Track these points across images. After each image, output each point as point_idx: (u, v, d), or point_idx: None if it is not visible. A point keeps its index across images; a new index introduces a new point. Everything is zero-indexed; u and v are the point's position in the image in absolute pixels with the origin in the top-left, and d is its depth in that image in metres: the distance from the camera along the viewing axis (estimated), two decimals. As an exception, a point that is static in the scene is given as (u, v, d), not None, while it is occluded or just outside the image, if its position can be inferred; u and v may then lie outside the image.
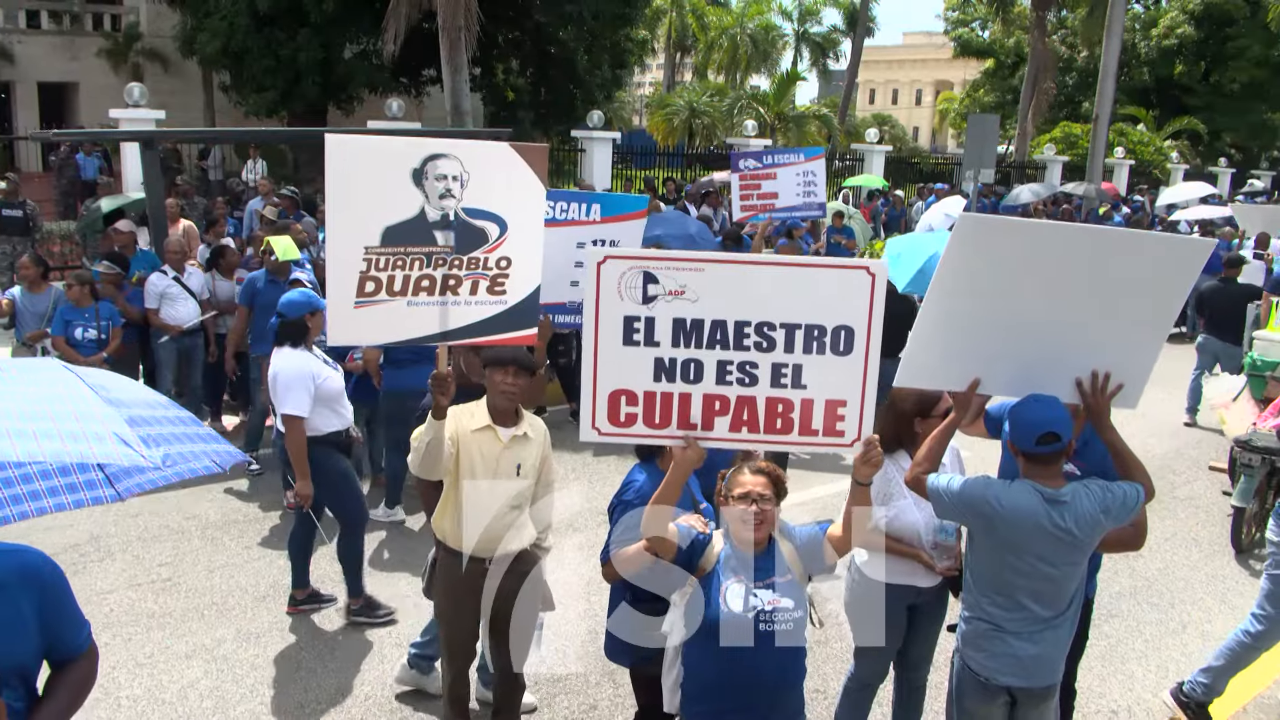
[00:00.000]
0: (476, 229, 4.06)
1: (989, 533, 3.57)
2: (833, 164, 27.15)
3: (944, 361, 3.67)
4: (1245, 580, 7.19)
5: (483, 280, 4.13)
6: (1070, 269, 3.49)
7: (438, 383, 4.03)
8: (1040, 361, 3.64)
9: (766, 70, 50.17)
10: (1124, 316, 3.61)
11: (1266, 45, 40.07)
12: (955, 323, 3.56)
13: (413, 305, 4.00)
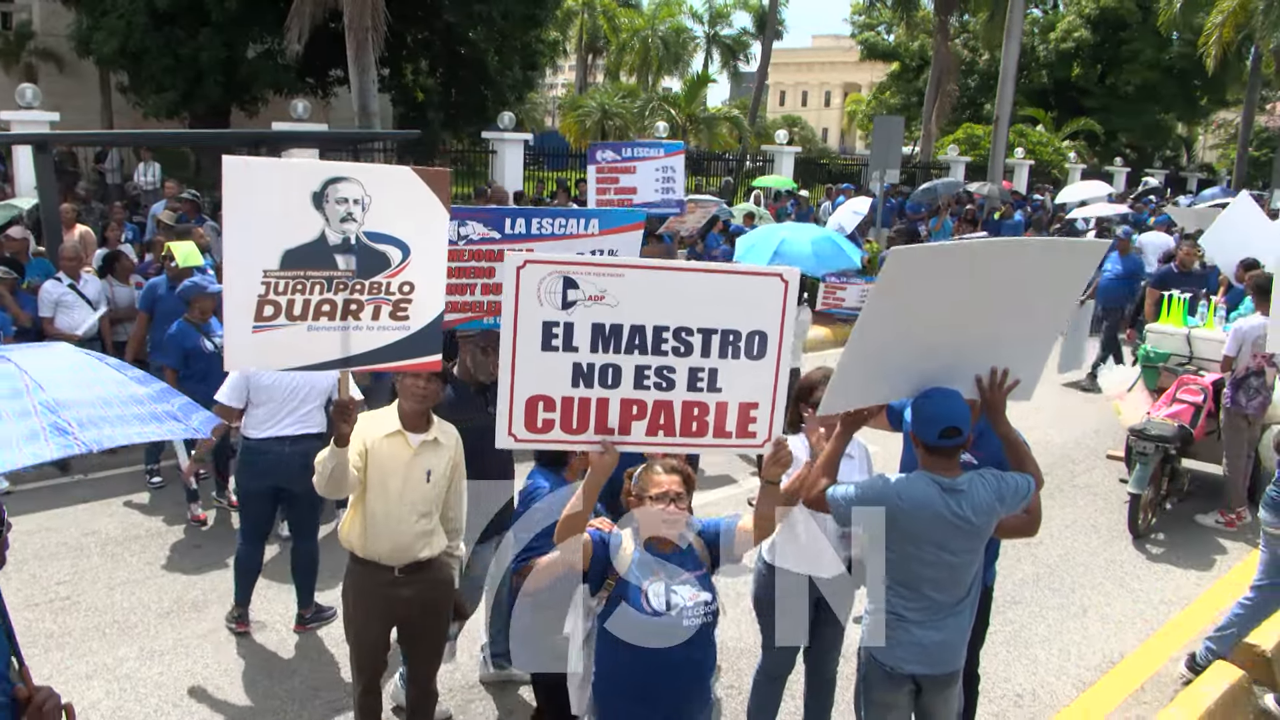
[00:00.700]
0: (378, 253, 4.00)
1: (891, 526, 3.64)
2: (743, 165, 27.47)
3: (864, 383, 3.76)
4: (1143, 564, 7.45)
5: (385, 305, 4.07)
6: (980, 283, 3.60)
7: (340, 410, 3.99)
8: (945, 365, 3.75)
9: (678, 72, 50.40)
10: (1022, 320, 3.75)
11: (1158, 49, 41.59)
12: (878, 349, 3.63)
13: (313, 330, 3.93)
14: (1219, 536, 8.05)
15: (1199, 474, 8.81)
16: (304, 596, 6.03)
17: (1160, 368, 8.84)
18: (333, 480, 4.13)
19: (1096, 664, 5.99)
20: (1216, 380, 8.23)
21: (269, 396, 5.85)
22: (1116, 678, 5.86)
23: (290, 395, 5.90)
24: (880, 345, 3.58)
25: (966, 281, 3.57)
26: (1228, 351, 7.91)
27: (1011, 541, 6.87)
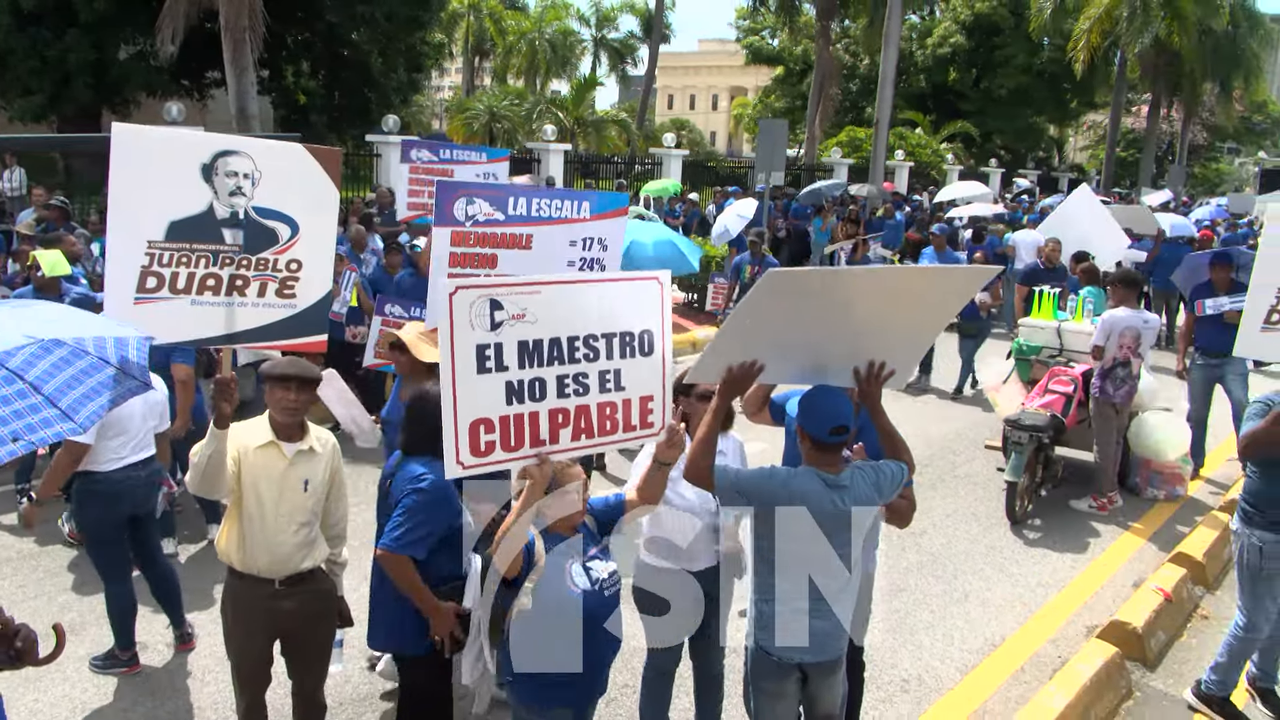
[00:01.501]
0: (267, 229, 3.95)
1: (775, 518, 3.70)
2: (632, 168, 27.57)
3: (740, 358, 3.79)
4: (1020, 550, 7.72)
5: (271, 282, 4.01)
6: (857, 298, 3.67)
7: (221, 389, 3.85)
8: (823, 356, 3.83)
9: (566, 75, 50.43)
10: (901, 322, 3.85)
11: (1030, 54, 43.24)
12: (756, 335, 3.65)
13: (196, 305, 3.86)
14: (1092, 520, 8.38)
15: (1072, 461, 9.14)
16: (177, 616, 5.81)
17: (1032, 360, 9.16)
18: (209, 471, 3.97)
19: (978, 647, 6.16)
20: (1086, 371, 8.58)
21: (123, 428, 5.39)
22: (998, 660, 6.03)
23: (143, 418, 5.52)
24: (757, 333, 3.63)
25: (843, 298, 3.64)
26: (1097, 341, 8.26)
27: (895, 530, 7.08)
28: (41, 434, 2.64)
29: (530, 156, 23.96)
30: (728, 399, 3.77)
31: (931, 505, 8.37)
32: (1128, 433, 8.79)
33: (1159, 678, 5.95)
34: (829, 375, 3.86)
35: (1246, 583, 5.30)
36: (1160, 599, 6.44)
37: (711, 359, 3.67)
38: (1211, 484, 9.49)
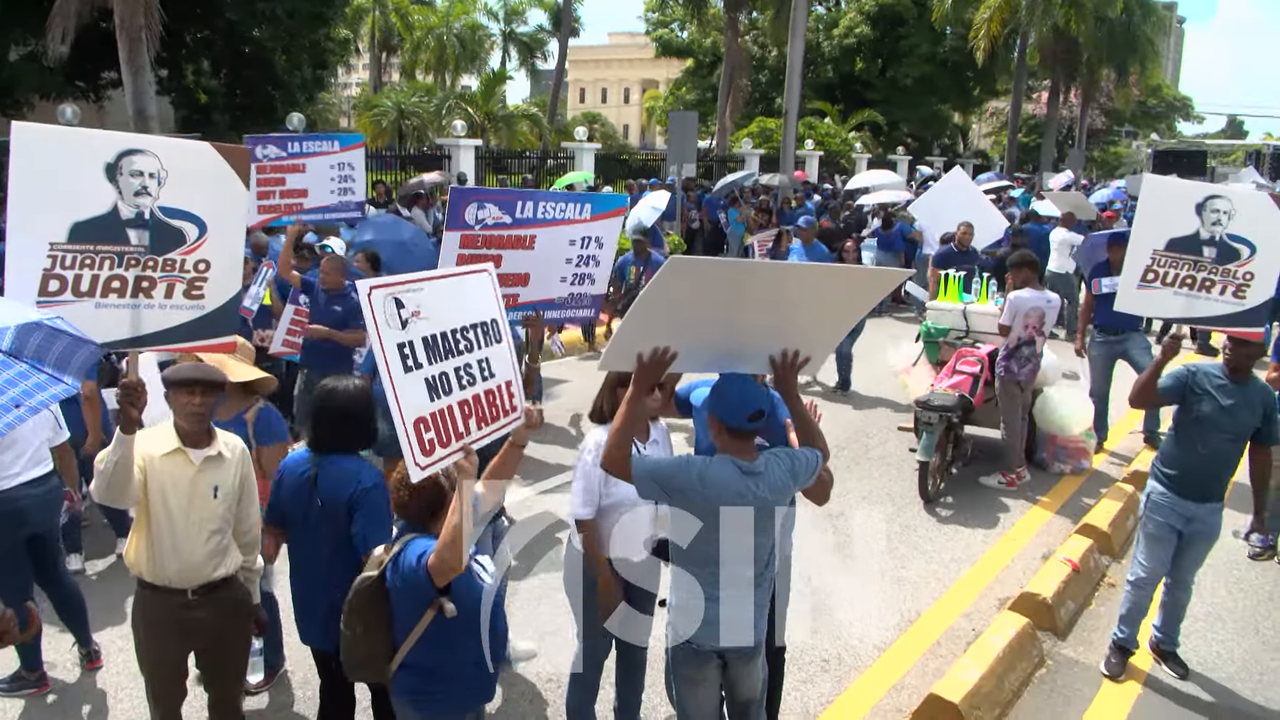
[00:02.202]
0: (173, 229, 3.87)
1: (692, 508, 3.72)
2: (545, 163, 27.45)
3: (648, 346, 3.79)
4: (934, 527, 7.89)
5: (179, 283, 3.94)
6: (769, 295, 3.69)
7: (127, 393, 3.74)
8: (736, 344, 3.83)
9: (475, 70, 49.99)
10: (816, 318, 3.87)
11: (933, 43, 44.10)
12: (662, 323, 3.64)
13: (101, 308, 3.77)
14: (1001, 496, 8.60)
15: (980, 439, 9.38)
16: (83, 635, 5.61)
17: (940, 342, 9.37)
18: (115, 478, 3.84)
19: (895, 624, 6.29)
20: (991, 351, 8.80)
21: (12, 440, 5.13)
22: (914, 636, 6.16)
23: (34, 430, 5.28)
24: (667, 321, 3.62)
25: (750, 289, 3.66)
26: (1003, 321, 8.47)
27: (813, 513, 7.21)
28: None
29: (440, 153, 23.71)
30: (643, 387, 3.76)
31: (847, 487, 8.51)
32: (1033, 410, 9.05)
33: (1069, 646, 6.13)
34: (744, 363, 3.87)
35: (1139, 532, 5.84)
36: (1068, 569, 6.64)
37: (619, 347, 3.68)
38: (1115, 457, 9.81)
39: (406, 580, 3.52)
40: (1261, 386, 5.62)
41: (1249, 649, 6.17)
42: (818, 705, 5.38)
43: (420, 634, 3.59)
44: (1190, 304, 5.94)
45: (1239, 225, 5.87)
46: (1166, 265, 5.96)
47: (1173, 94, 69.92)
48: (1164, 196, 6.18)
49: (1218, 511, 5.64)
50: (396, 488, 3.66)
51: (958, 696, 5.06)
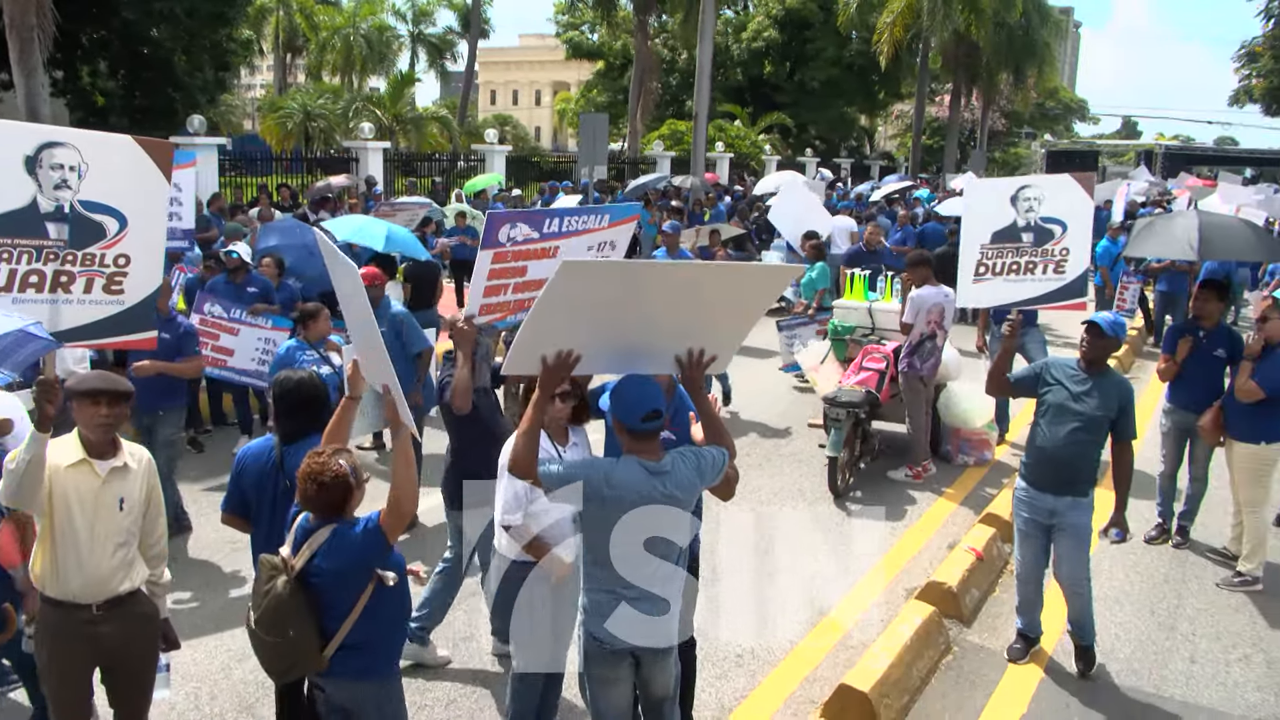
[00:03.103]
0: (93, 223, 3.82)
1: (601, 509, 3.73)
2: (455, 165, 27.24)
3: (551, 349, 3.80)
4: (845, 521, 8.04)
5: (98, 278, 3.89)
6: (668, 295, 3.71)
7: (44, 390, 3.64)
8: (642, 344, 3.84)
9: (383, 72, 49.29)
10: (718, 317, 3.90)
11: (839, 47, 44.88)
12: (560, 332, 3.65)
13: (19, 303, 3.69)
14: (908, 489, 8.80)
15: (887, 434, 9.57)
16: None
17: (847, 340, 9.55)
18: (27, 479, 3.74)
19: (808, 618, 6.38)
20: (897, 348, 9.00)
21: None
22: (826, 628, 6.26)
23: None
24: (568, 323, 3.62)
25: (649, 290, 3.66)
26: (906, 319, 8.67)
27: (727, 510, 7.29)
28: None
29: (348, 156, 23.39)
30: (547, 391, 3.77)
31: (759, 484, 8.62)
32: (937, 404, 9.28)
33: (975, 632, 6.30)
34: (650, 363, 3.89)
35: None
36: (973, 558, 6.82)
37: (521, 351, 3.67)
38: (1016, 447, 10.05)
39: (353, 560, 3.64)
40: (1118, 381, 5.67)
41: (1145, 629, 6.41)
42: (732, 700, 5.44)
43: (359, 611, 3.67)
44: (1018, 288, 6.40)
45: (1049, 208, 6.43)
46: (993, 257, 6.48)
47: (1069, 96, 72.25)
48: (984, 196, 6.76)
49: (1080, 507, 5.63)
50: (304, 482, 3.65)
51: (867, 685, 5.16)
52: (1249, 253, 8.95)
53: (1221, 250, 8.46)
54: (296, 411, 4.39)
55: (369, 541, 3.66)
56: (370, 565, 3.67)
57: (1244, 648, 6.26)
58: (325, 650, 3.69)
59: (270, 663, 3.80)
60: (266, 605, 3.63)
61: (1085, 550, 5.68)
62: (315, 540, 3.66)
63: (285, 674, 3.85)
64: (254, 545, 4.56)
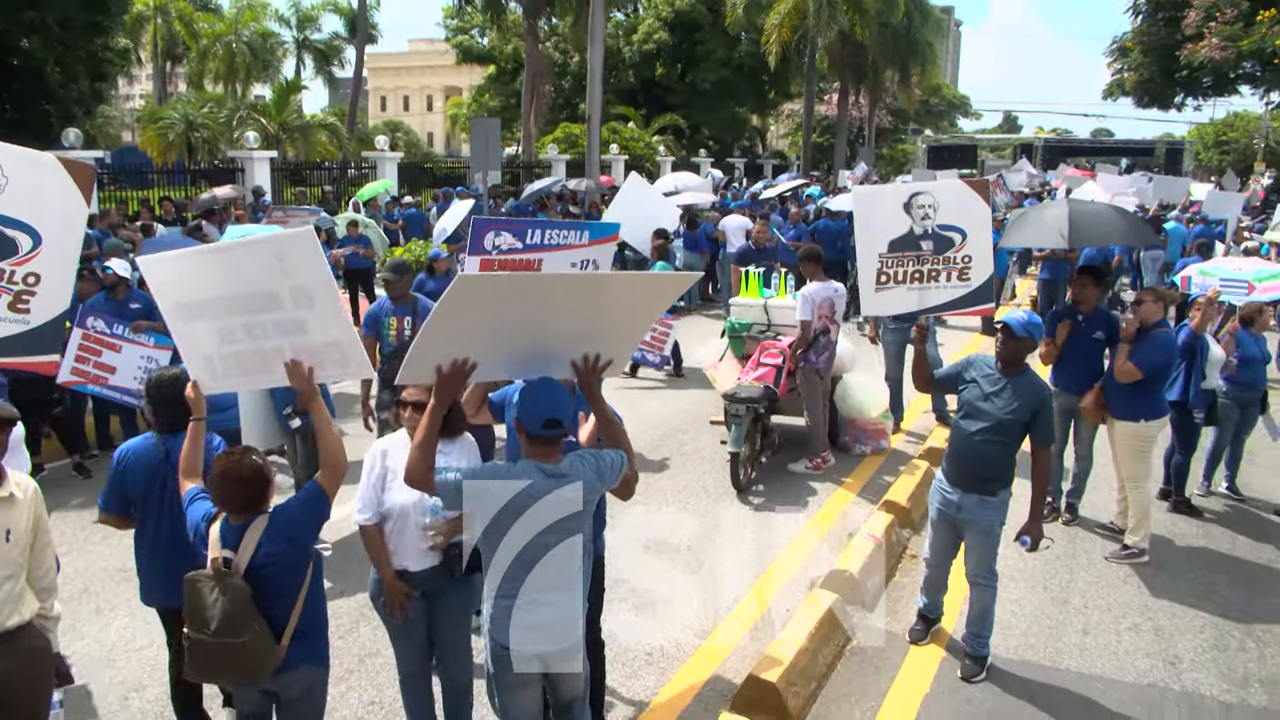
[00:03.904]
0: (7, 238, 3.68)
1: (500, 514, 3.71)
2: (345, 173, 26.78)
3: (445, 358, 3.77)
4: (747, 515, 8.14)
5: (5, 295, 3.74)
6: (564, 303, 3.74)
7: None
8: (538, 350, 3.86)
9: (268, 79, 48.18)
10: (614, 322, 3.96)
11: (728, 48, 45.40)
12: (456, 341, 3.65)
13: None
14: (809, 480, 8.95)
15: (787, 427, 9.72)
16: None
17: (744, 337, 9.66)
18: None
19: (715, 612, 6.44)
20: (792, 342, 9.14)
21: None
22: (733, 621, 6.33)
23: None
24: (464, 332, 3.62)
25: (532, 299, 3.67)
26: (802, 317, 8.78)
27: (632, 510, 7.34)
28: None
29: (233, 166, 22.82)
30: (444, 400, 3.74)
31: (663, 483, 8.68)
32: (833, 396, 9.46)
33: (877, 617, 6.43)
34: (546, 368, 3.89)
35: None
36: (872, 545, 6.97)
37: (417, 361, 3.64)
38: (911, 435, 10.37)
39: (304, 530, 3.84)
40: (1033, 383, 5.64)
41: (1039, 605, 6.65)
42: (643, 698, 5.46)
43: (304, 595, 3.81)
44: (923, 296, 6.47)
45: (946, 215, 6.48)
46: (894, 265, 6.53)
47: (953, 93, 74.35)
48: (875, 204, 6.78)
49: (989, 505, 5.67)
50: (222, 483, 3.74)
51: (775, 675, 5.24)
52: (1117, 238, 9.33)
53: (1091, 237, 8.80)
54: (176, 401, 4.33)
55: (314, 507, 3.85)
56: (316, 532, 3.87)
57: (1133, 617, 6.53)
58: (283, 639, 3.77)
59: (236, 669, 3.75)
60: (224, 609, 3.62)
61: (992, 547, 5.76)
62: (254, 531, 3.72)
63: (258, 672, 3.77)
64: (141, 541, 4.57)
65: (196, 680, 4.04)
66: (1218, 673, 5.88)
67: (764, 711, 5.15)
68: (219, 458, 3.85)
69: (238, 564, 3.70)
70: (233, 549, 3.72)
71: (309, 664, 3.93)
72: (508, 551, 3.76)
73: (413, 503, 4.31)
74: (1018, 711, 5.43)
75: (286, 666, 3.81)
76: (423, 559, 4.39)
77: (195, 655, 3.73)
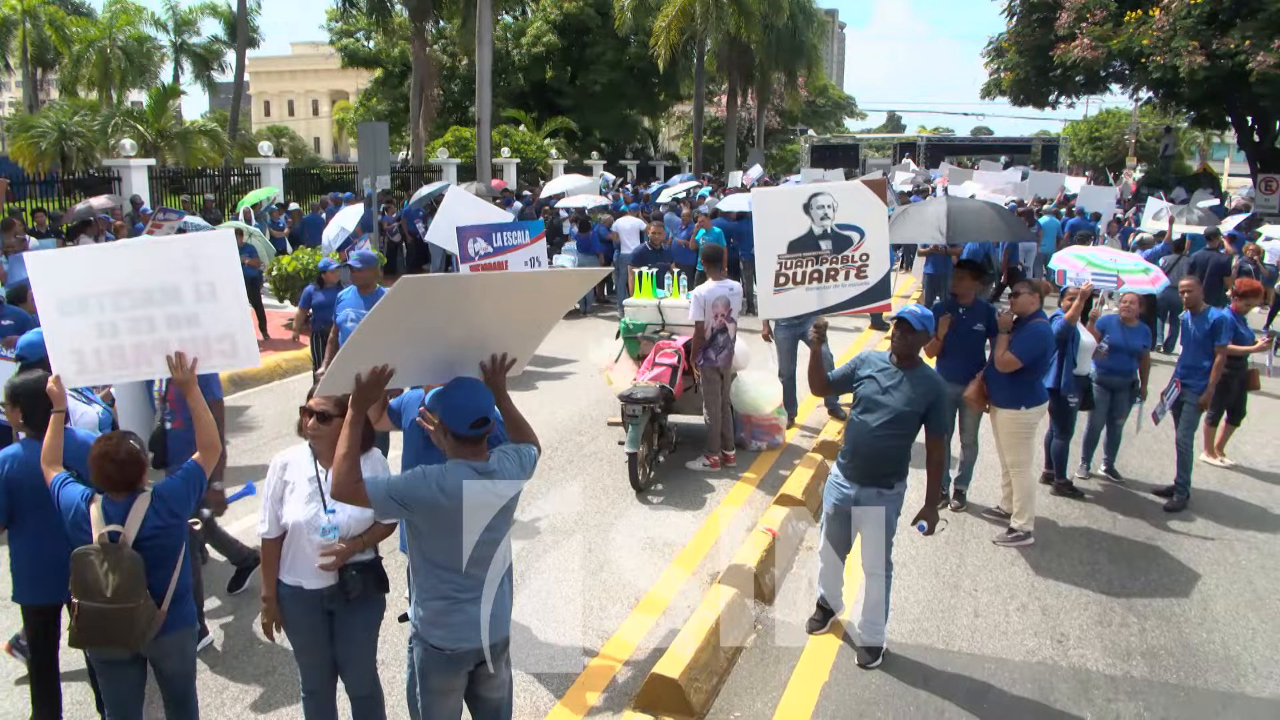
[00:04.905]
0: None
1: (436, 517, 3.70)
2: (228, 180, 26.08)
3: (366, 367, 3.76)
4: (647, 514, 8.19)
5: None
6: (483, 303, 3.78)
7: None
8: (450, 353, 3.87)
9: (145, 85, 46.49)
10: (521, 321, 3.99)
11: (618, 51, 45.55)
12: (384, 342, 3.64)
13: None
14: (707, 477, 9.05)
15: (684, 426, 9.83)
16: None
17: (639, 337, 9.72)
18: None
19: (617, 612, 6.48)
20: (687, 341, 9.23)
21: None
22: (635, 621, 6.37)
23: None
24: (386, 339, 3.62)
25: (465, 300, 3.74)
26: (695, 318, 8.86)
27: (533, 512, 7.35)
28: None
29: (110, 175, 22.04)
30: (363, 409, 3.73)
31: (564, 485, 8.68)
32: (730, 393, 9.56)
33: (776, 609, 6.56)
34: (457, 371, 3.91)
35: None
36: (770, 539, 7.09)
37: (340, 370, 3.63)
38: (805, 430, 10.57)
39: (184, 503, 4.15)
40: (928, 376, 5.80)
41: (931, 589, 6.85)
42: (547, 703, 5.46)
43: (180, 561, 4.12)
44: (823, 295, 6.63)
45: (845, 215, 6.64)
46: (793, 266, 6.65)
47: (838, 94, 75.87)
48: (774, 206, 6.90)
49: (886, 498, 5.80)
50: (102, 463, 3.99)
51: (677, 672, 5.29)
52: (993, 233, 9.65)
53: (968, 232, 9.10)
54: (39, 396, 4.44)
55: (193, 484, 4.21)
56: (193, 506, 4.23)
57: (1021, 598, 6.78)
58: (162, 606, 4.06)
59: (126, 631, 3.96)
60: (121, 575, 3.89)
61: (887, 539, 5.88)
62: (139, 507, 4.03)
63: (143, 637, 4.01)
64: (20, 538, 4.65)
65: (84, 647, 4.17)
66: (1102, 647, 6.14)
67: (667, 708, 5.21)
68: (98, 441, 4.10)
69: (125, 537, 3.96)
70: (119, 524, 3.98)
71: (184, 625, 4.24)
72: (444, 552, 3.77)
73: (306, 520, 4.23)
74: (913, 695, 5.59)
75: (165, 630, 4.10)
76: (318, 577, 4.30)
77: (87, 622, 3.93)
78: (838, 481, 5.95)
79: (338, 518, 4.23)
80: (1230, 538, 7.99)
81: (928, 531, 5.95)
